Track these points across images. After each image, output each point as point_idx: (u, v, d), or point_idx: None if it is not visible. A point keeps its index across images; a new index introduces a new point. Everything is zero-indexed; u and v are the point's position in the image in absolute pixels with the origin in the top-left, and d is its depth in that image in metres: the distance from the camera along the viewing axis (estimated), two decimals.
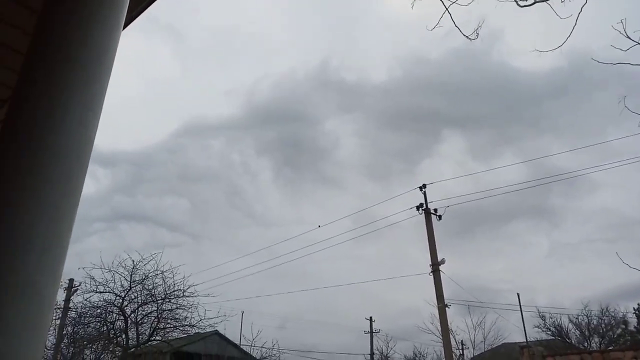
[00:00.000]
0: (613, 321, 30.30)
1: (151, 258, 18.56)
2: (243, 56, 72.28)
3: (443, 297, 21.59)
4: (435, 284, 21.80)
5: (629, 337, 30.43)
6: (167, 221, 60.30)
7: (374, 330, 38.02)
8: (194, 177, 62.85)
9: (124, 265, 18.26)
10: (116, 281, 18.27)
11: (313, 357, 39.49)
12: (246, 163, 68.32)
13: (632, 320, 31.19)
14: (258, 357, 22.97)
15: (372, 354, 37.05)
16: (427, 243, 22.79)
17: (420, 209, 23.45)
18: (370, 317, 38.51)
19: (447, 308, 21.63)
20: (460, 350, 32.26)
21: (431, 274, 22.11)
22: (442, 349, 22.34)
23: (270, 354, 23.10)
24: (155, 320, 18.72)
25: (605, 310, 30.14)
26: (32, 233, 1.26)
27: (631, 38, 4.95)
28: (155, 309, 18.79)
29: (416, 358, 33.97)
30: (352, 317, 61.32)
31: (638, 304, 31.34)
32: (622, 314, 30.70)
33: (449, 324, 21.95)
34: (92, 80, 1.48)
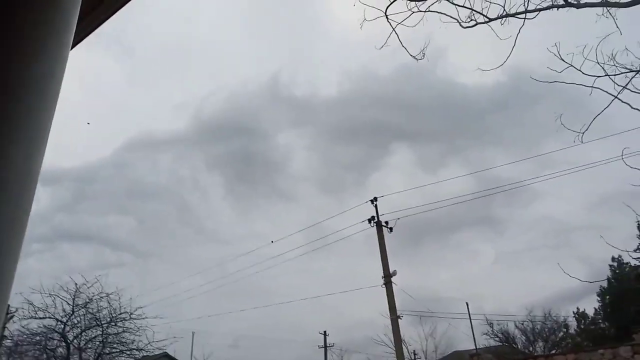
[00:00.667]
0: (555, 325, 31.70)
1: (95, 280, 17.74)
2: (193, 69, 71.18)
3: (395, 308, 21.85)
4: (387, 295, 22.04)
5: (570, 340, 31.88)
6: (112, 240, 57.79)
7: (328, 344, 37.90)
8: (142, 194, 60.85)
9: (66, 289, 17.36)
10: (57, 306, 17.33)
11: None
12: (196, 178, 66.89)
13: (573, 323, 32.76)
14: None
15: None
16: (379, 255, 23.08)
17: (372, 221, 23.75)
18: (325, 332, 38.41)
19: (399, 319, 21.91)
20: None
21: (383, 285, 22.36)
22: None
23: None
24: (100, 345, 17.86)
25: (547, 315, 31.52)
26: None
27: (564, 60, 5.28)
28: (100, 333, 17.94)
29: None
30: (306, 332, 60.89)
31: (577, 308, 32.98)
32: (563, 318, 32.20)
33: (401, 335, 22.23)
34: (41, 96, 1.41)
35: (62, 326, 17.34)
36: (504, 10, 5.63)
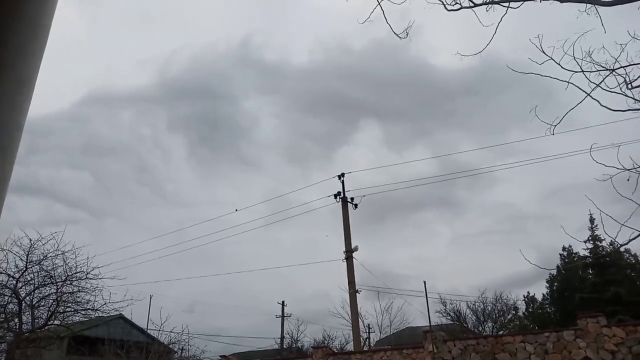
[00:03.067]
0: (505, 307, 33.07)
1: (51, 237, 17.23)
2: (159, 25, 68.59)
3: (354, 283, 22.26)
4: (347, 270, 22.40)
5: (518, 322, 33.39)
6: (65, 196, 56.11)
7: (285, 315, 38.44)
8: (99, 150, 59.02)
9: (18, 244, 16.82)
10: (10, 261, 16.81)
11: (223, 342, 39.26)
12: (157, 138, 65.21)
13: (522, 307, 34.26)
14: (166, 342, 22.30)
15: (282, 337, 37.49)
16: (342, 230, 23.33)
17: (338, 197, 23.90)
18: (283, 302, 38.88)
19: (357, 293, 22.35)
20: (367, 334, 33.61)
21: (344, 260, 22.69)
22: (351, 332, 23.12)
23: (178, 338, 22.54)
24: (54, 303, 17.52)
25: (499, 297, 32.81)
26: None
27: (545, 52, 5.33)
28: (55, 291, 17.57)
29: (325, 341, 34.83)
30: (265, 302, 61.56)
31: (527, 292, 34.46)
32: (513, 300, 33.60)
33: (358, 309, 22.73)
34: (31, 35, 1.31)
35: (15, 282, 16.90)
36: None
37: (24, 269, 16.94)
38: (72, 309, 17.89)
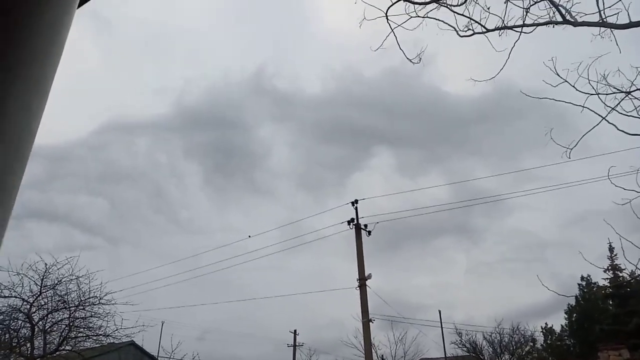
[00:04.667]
0: (522, 339, 32.20)
1: (66, 262, 17.31)
2: (175, 55, 70.26)
3: (368, 312, 21.93)
4: (361, 298, 22.10)
5: (536, 355, 32.45)
6: (82, 222, 56.62)
7: (297, 344, 37.86)
8: (115, 177, 59.87)
9: (34, 269, 16.90)
10: (24, 285, 16.86)
11: None
12: (173, 165, 66.01)
13: (540, 338, 33.35)
14: None
15: None
16: (355, 257, 23.13)
17: (351, 223, 23.78)
18: (295, 330, 38.36)
19: (371, 323, 21.99)
20: None
21: (358, 288, 22.41)
22: None
23: None
24: (67, 328, 17.46)
25: (516, 328, 32.00)
26: None
27: (560, 75, 5.33)
28: (67, 316, 17.54)
29: None
30: (276, 330, 60.75)
31: (545, 324, 33.59)
32: (530, 332, 32.74)
33: (371, 339, 22.33)
34: (41, 62, 1.31)
35: (28, 307, 16.91)
36: (503, 22, 5.65)
37: (38, 293, 16.99)
38: (84, 335, 17.80)
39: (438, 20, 5.88)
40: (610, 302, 29.13)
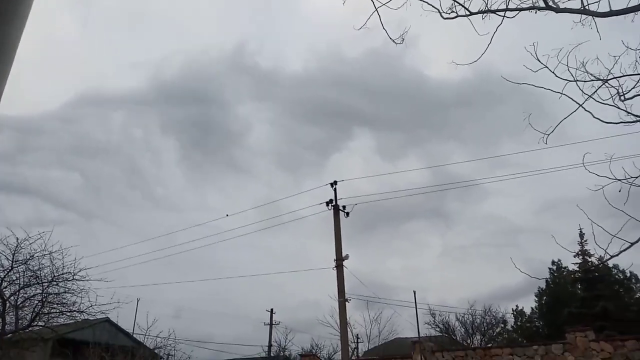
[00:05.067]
0: (494, 320, 33.10)
1: (39, 236, 16.99)
2: (152, 29, 68.55)
3: (344, 292, 22.13)
4: (337, 279, 22.27)
5: (506, 335, 33.40)
6: (53, 196, 55.51)
7: (274, 322, 38.15)
8: (89, 151, 58.64)
9: (5, 243, 16.58)
10: None
11: (210, 348, 38.86)
12: (149, 141, 64.91)
13: (510, 320, 34.30)
14: (152, 347, 22.00)
15: (270, 345, 37.18)
16: (333, 237, 23.23)
17: (330, 205, 23.82)
18: (271, 309, 38.61)
19: (347, 302, 22.22)
20: (356, 344, 33.42)
21: (334, 268, 22.57)
22: (339, 342, 22.93)
23: (164, 343, 22.26)
24: (39, 304, 17.25)
25: (488, 310, 32.84)
26: None
27: (540, 61, 5.35)
28: (40, 292, 17.31)
29: (313, 350, 34.57)
30: (253, 309, 61.16)
31: (516, 306, 34.52)
32: (502, 314, 33.64)
33: (347, 318, 22.59)
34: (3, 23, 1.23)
35: None
36: (486, 5, 5.62)
37: (10, 268, 16.70)
38: (58, 310, 17.63)
39: (422, 1, 5.82)
40: (579, 286, 30.05)
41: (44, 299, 17.25)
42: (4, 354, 17.39)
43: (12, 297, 16.99)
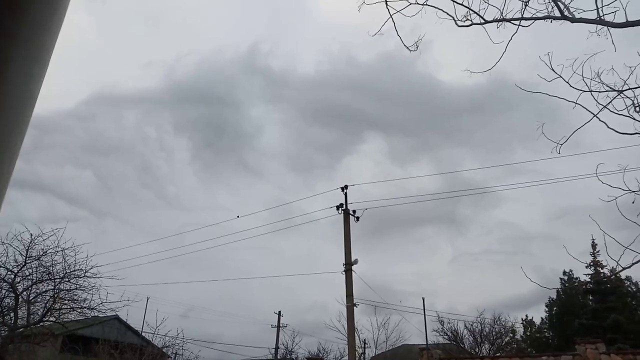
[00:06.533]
0: (503, 330, 32.76)
1: (52, 233, 17.24)
2: (167, 29, 69.09)
3: (352, 296, 22.11)
4: (346, 283, 22.26)
5: (515, 345, 33.06)
6: (67, 193, 56.13)
7: (281, 325, 38.18)
8: (103, 149, 59.18)
9: (19, 239, 16.84)
10: (9, 255, 16.81)
11: (217, 349, 38.99)
12: (162, 140, 65.35)
13: (520, 329, 33.96)
14: (160, 346, 22.15)
15: (277, 348, 37.20)
16: (342, 241, 23.22)
17: (340, 209, 23.84)
18: (279, 312, 38.66)
19: (355, 307, 22.19)
20: (363, 349, 33.31)
21: (343, 272, 22.56)
22: (346, 346, 22.90)
23: (173, 342, 22.41)
24: (51, 300, 17.47)
25: (497, 319, 32.52)
26: None
27: (555, 71, 5.34)
28: (52, 287, 17.53)
29: (320, 354, 34.50)
30: (261, 310, 61.18)
31: (526, 315, 34.20)
32: (511, 323, 33.30)
33: (355, 323, 22.55)
34: (43, 27, 1.29)
35: (12, 276, 16.88)
36: (501, 14, 5.62)
37: (23, 263, 16.94)
38: (69, 307, 17.84)
39: (437, 8, 5.84)
40: (590, 298, 29.68)
41: (55, 295, 17.48)
42: (15, 347, 17.64)
43: (24, 292, 17.23)
